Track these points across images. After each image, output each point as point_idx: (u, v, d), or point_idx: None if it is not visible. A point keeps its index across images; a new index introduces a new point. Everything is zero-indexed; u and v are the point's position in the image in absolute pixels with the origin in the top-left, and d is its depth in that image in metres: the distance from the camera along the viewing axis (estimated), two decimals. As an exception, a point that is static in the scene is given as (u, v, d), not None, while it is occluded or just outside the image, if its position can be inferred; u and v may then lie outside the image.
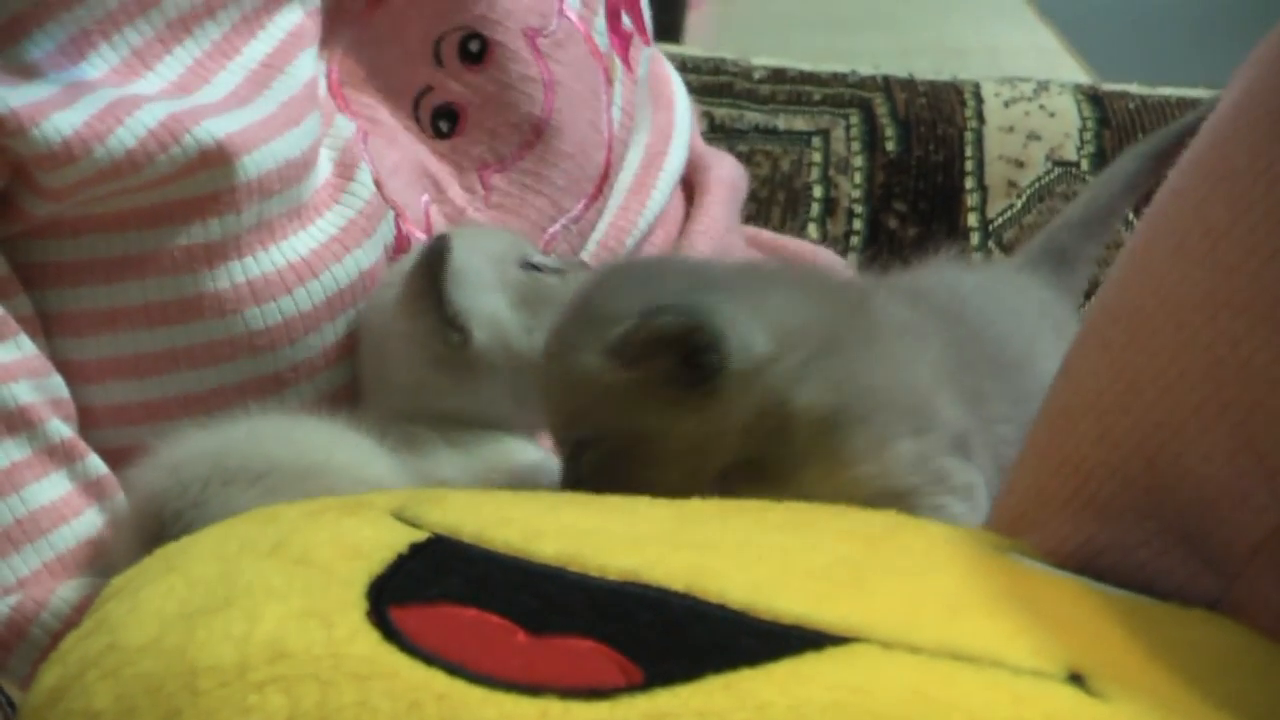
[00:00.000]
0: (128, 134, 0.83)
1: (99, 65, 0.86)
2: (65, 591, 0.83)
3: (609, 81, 0.98)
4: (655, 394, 0.75)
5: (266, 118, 0.87)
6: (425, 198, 0.92)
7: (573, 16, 0.98)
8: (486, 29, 0.96)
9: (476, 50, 0.95)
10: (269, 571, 0.63)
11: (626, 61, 1.00)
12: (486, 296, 0.86)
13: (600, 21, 0.99)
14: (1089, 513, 0.68)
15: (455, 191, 0.93)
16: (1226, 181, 0.65)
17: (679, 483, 0.77)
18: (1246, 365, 0.63)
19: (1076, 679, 0.57)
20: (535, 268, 0.88)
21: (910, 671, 0.57)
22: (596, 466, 0.78)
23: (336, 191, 0.89)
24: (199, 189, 0.85)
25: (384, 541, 0.64)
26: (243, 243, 0.86)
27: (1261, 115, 0.65)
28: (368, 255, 0.89)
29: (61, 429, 0.85)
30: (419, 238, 0.92)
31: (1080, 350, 0.71)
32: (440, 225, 0.92)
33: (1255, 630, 0.64)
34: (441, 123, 0.94)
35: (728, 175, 1.06)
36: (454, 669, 0.57)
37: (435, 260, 0.85)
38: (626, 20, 1.02)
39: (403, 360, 0.87)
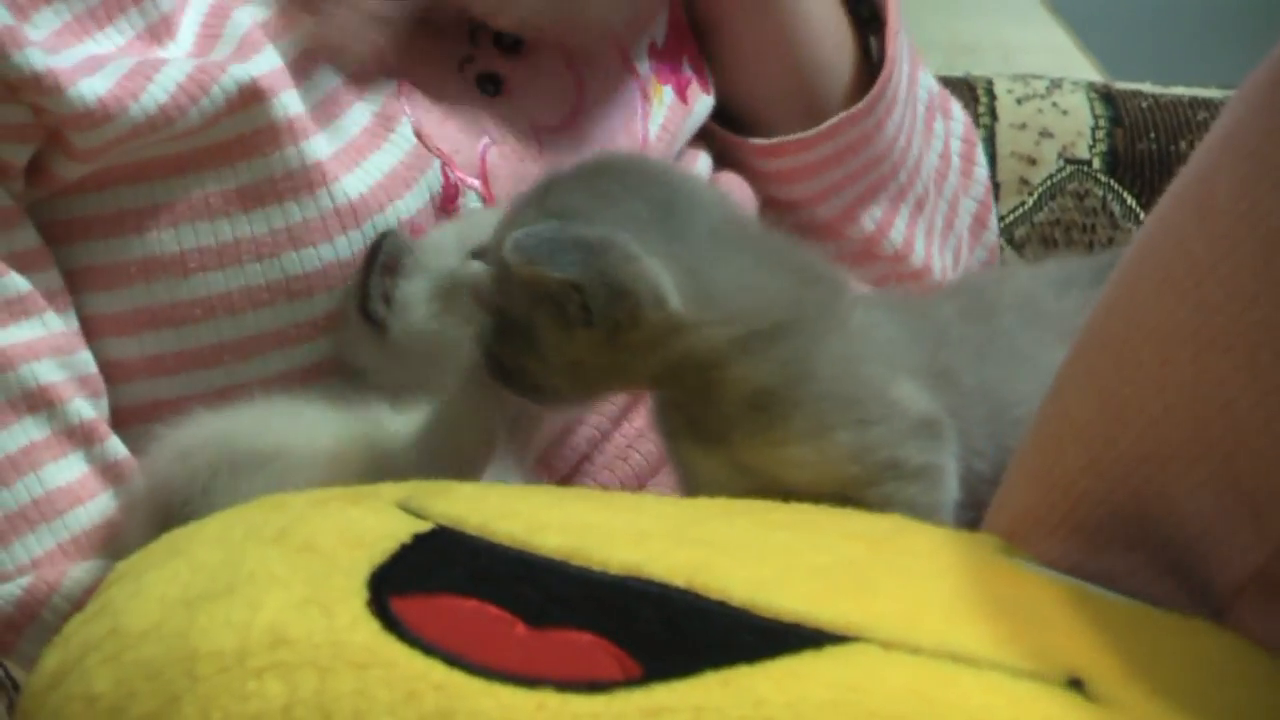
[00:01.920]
0: (159, 90, 0.83)
1: (105, 45, 0.85)
2: (77, 573, 0.82)
3: (645, 98, 0.99)
4: (551, 306, 0.75)
5: (279, 67, 0.87)
6: (484, 141, 0.92)
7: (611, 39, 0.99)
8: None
9: (510, 43, 0.95)
10: (272, 559, 0.63)
11: (683, 96, 1.01)
12: (412, 284, 0.86)
13: (640, 48, 1.00)
14: (1077, 539, 0.67)
15: (513, 142, 0.93)
16: (1210, 218, 0.64)
17: (565, 387, 0.78)
18: (1231, 406, 0.62)
19: (1076, 684, 0.58)
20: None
21: (909, 672, 0.57)
22: (494, 335, 0.78)
23: (377, 137, 0.89)
24: (228, 133, 0.85)
25: (387, 531, 0.64)
26: (280, 187, 0.86)
27: (1245, 154, 0.63)
28: (408, 205, 0.89)
29: (83, 409, 0.84)
30: (471, 184, 0.91)
31: (1069, 373, 0.69)
32: (498, 168, 0.92)
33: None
34: (488, 85, 0.94)
35: (735, 181, 1.06)
36: (453, 659, 0.58)
37: (371, 250, 0.86)
38: (688, 67, 1.03)
39: (346, 331, 0.88)
